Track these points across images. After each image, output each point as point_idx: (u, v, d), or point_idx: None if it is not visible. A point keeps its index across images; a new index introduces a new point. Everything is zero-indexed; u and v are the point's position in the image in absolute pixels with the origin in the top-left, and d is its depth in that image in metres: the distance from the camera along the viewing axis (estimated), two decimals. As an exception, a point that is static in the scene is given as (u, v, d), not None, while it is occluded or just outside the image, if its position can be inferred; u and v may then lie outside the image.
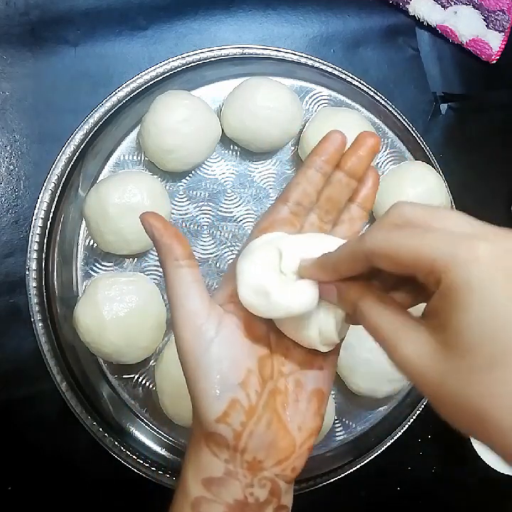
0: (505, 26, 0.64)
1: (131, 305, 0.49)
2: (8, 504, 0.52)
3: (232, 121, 0.54)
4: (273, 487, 0.31)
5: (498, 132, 0.66)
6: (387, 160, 0.61)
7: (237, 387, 0.29)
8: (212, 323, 0.30)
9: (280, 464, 0.31)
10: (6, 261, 0.53)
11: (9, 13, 0.54)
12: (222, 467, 0.30)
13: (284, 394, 0.31)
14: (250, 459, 0.30)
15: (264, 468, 0.30)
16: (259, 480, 0.30)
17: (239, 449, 0.30)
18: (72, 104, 0.54)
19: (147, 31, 0.57)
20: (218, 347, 0.29)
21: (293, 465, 0.31)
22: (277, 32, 0.61)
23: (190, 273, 0.30)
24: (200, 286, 0.30)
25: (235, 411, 0.29)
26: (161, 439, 0.54)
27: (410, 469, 0.60)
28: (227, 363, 0.29)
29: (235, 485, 0.30)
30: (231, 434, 0.29)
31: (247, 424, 0.30)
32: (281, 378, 0.32)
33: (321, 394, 0.32)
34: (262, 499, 0.30)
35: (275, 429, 0.31)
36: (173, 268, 0.30)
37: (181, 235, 0.30)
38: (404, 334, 0.25)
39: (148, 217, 0.30)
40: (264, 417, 0.30)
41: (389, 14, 0.63)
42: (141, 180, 0.51)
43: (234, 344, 0.30)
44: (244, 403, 0.30)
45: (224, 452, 0.30)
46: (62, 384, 0.51)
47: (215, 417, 0.29)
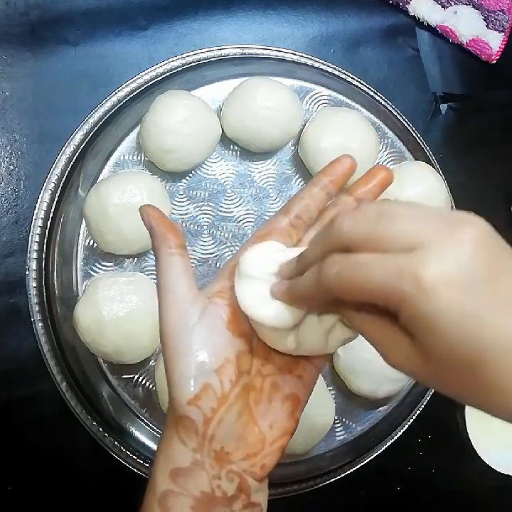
0: (505, 26, 0.64)
1: (131, 305, 0.49)
2: (8, 504, 0.52)
3: (232, 121, 0.54)
4: (241, 483, 0.31)
5: (498, 132, 0.66)
6: (387, 160, 0.61)
7: (212, 373, 0.30)
8: (196, 309, 0.31)
9: (248, 459, 0.31)
10: (6, 261, 0.53)
11: (9, 13, 0.54)
12: (189, 456, 0.30)
13: (258, 391, 0.32)
14: (218, 449, 0.30)
15: (231, 461, 0.30)
16: (226, 473, 0.30)
17: (207, 435, 0.30)
18: (72, 104, 0.54)
19: (147, 31, 0.57)
20: (200, 332, 0.30)
21: (262, 462, 0.31)
22: (277, 32, 0.61)
23: (181, 261, 0.32)
24: (189, 275, 0.32)
25: (207, 395, 0.30)
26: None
27: (410, 469, 0.60)
28: (206, 348, 0.30)
29: (202, 476, 0.30)
30: (201, 418, 0.30)
31: (218, 410, 0.30)
32: (259, 377, 0.32)
33: (297, 399, 0.33)
34: (229, 493, 0.30)
35: (245, 421, 0.31)
36: (166, 255, 0.32)
37: (177, 227, 0.32)
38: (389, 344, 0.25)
39: (147, 208, 0.32)
40: (235, 407, 0.31)
41: (389, 14, 0.63)
42: (141, 180, 0.51)
43: (215, 332, 0.31)
44: (217, 389, 0.30)
45: (192, 439, 0.30)
46: (62, 384, 0.51)
47: (186, 399, 0.30)
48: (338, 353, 0.55)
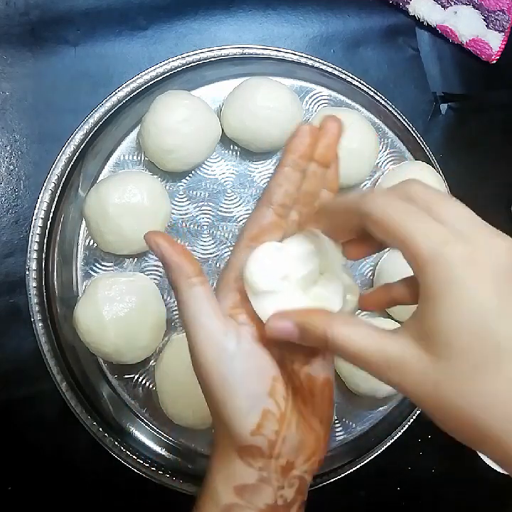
0: (505, 26, 0.64)
1: (131, 305, 0.49)
2: (8, 504, 0.52)
3: (232, 121, 0.54)
4: (300, 484, 0.31)
5: (498, 132, 0.66)
6: (387, 160, 0.61)
7: (266, 397, 0.30)
8: (231, 338, 0.30)
9: (310, 460, 0.31)
10: (6, 261, 0.53)
11: (9, 13, 0.54)
12: (256, 474, 0.30)
13: (300, 391, 0.32)
14: (284, 463, 0.30)
15: (295, 468, 0.31)
16: (289, 480, 0.31)
17: (274, 455, 0.30)
18: (72, 104, 0.54)
19: (147, 31, 0.57)
20: (242, 361, 0.29)
21: (319, 458, 0.32)
22: (277, 32, 0.60)
23: (204, 290, 0.30)
24: (214, 303, 0.30)
25: (268, 421, 0.30)
26: (161, 439, 0.54)
27: (410, 469, 0.60)
28: (253, 375, 0.30)
29: (268, 490, 0.30)
30: (266, 444, 0.30)
31: (280, 431, 0.30)
32: (295, 377, 0.32)
33: (330, 382, 0.33)
34: (289, 499, 0.31)
35: (303, 428, 0.31)
36: (188, 287, 0.29)
37: (188, 252, 0.30)
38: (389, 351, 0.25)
39: (154, 236, 0.30)
40: (293, 419, 0.31)
41: (389, 14, 0.63)
42: (141, 180, 0.51)
43: (255, 355, 0.30)
44: (275, 412, 0.30)
45: (258, 461, 0.30)
46: (62, 384, 0.51)
47: (249, 431, 0.29)
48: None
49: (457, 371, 0.23)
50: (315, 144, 0.33)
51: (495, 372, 0.22)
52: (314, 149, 0.33)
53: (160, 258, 0.30)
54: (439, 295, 0.23)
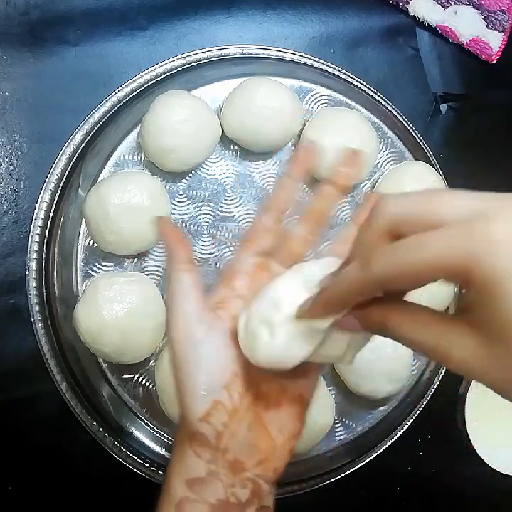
0: (505, 26, 0.64)
1: (131, 305, 0.49)
2: (8, 504, 0.52)
3: (232, 121, 0.54)
4: (254, 487, 0.31)
5: (498, 132, 0.66)
6: (387, 160, 0.61)
7: (221, 390, 0.31)
8: (202, 326, 0.31)
9: (261, 465, 0.31)
10: (6, 261, 0.53)
11: (9, 13, 0.54)
12: (204, 467, 0.30)
13: (266, 397, 0.32)
14: (232, 459, 0.31)
15: (245, 469, 0.31)
16: (240, 480, 0.31)
17: (220, 448, 0.31)
18: (72, 104, 0.54)
19: (147, 31, 0.57)
20: (206, 349, 0.31)
21: (274, 466, 0.32)
22: (277, 32, 0.60)
23: (188, 277, 0.32)
24: (196, 290, 0.32)
25: (218, 411, 0.30)
26: (161, 439, 0.54)
27: (410, 469, 0.60)
28: (214, 365, 0.31)
29: (217, 485, 0.30)
30: (213, 434, 0.30)
31: (229, 425, 0.31)
32: (265, 382, 0.32)
33: (304, 400, 0.33)
34: (244, 499, 0.31)
35: (256, 430, 0.31)
36: (174, 271, 0.32)
37: (186, 241, 0.33)
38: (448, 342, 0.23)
39: (162, 220, 0.35)
40: (246, 418, 0.31)
41: (389, 14, 0.63)
42: (141, 180, 0.51)
43: (222, 348, 0.31)
44: (227, 404, 0.31)
45: (206, 452, 0.31)
46: (62, 384, 0.51)
47: (198, 416, 0.30)
48: (338, 353, 0.55)
49: None
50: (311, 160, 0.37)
51: None
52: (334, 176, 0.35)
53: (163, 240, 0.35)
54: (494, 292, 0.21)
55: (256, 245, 0.35)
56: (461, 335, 0.23)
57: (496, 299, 0.21)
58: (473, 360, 0.22)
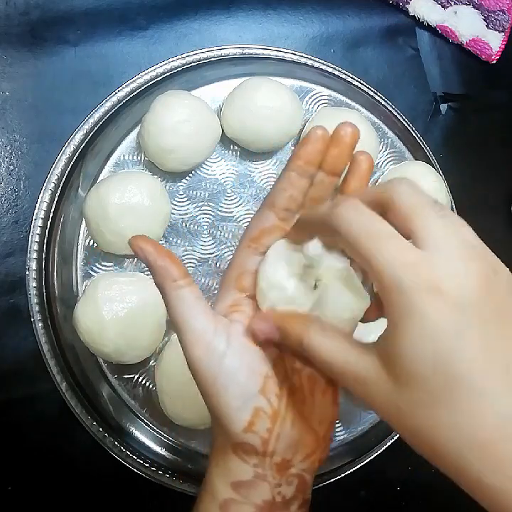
0: (505, 26, 0.64)
1: (131, 305, 0.49)
2: (8, 504, 0.52)
3: (232, 121, 0.54)
4: (300, 482, 0.31)
5: (498, 132, 0.66)
6: (387, 160, 0.61)
7: (257, 395, 0.30)
8: (221, 337, 0.30)
9: (308, 459, 0.31)
10: (6, 261, 0.53)
11: (9, 13, 0.54)
12: (251, 471, 0.30)
13: (300, 390, 0.32)
14: (279, 461, 0.30)
15: (292, 466, 0.31)
16: (286, 478, 0.31)
17: (268, 453, 0.30)
18: (72, 104, 0.54)
19: (147, 31, 0.57)
20: (232, 359, 0.30)
21: (319, 457, 0.32)
22: (277, 32, 0.60)
23: (190, 292, 0.30)
24: (202, 303, 0.30)
25: (260, 419, 0.30)
26: (161, 439, 0.54)
27: (410, 469, 0.60)
28: (244, 372, 0.30)
29: (264, 486, 0.30)
30: (259, 442, 0.30)
31: (273, 428, 0.30)
32: (295, 375, 0.32)
33: (332, 384, 0.33)
34: (288, 496, 0.31)
35: (299, 427, 0.31)
36: (173, 290, 0.30)
37: (173, 255, 0.30)
38: (356, 368, 0.25)
39: (138, 241, 0.30)
40: (288, 417, 0.30)
41: (389, 14, 0.63)
42: (141, 180, 0.51)
43: (246, 353, 0.30)
44: (267, 409, 0.30)
45: (253, 458, 0.30)
46: (62, 384, 0.51)
47: (241, 428, 0.29)
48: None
49: (417, 400, 0.23)
50: (326, 150, 0.32)
51: (453, 404, 0.22)
52: (324, 159, 0.32)
53: (145, 263, 0.30)
54: (401, 323, 0.23)
55: (262, 245, 0.33)
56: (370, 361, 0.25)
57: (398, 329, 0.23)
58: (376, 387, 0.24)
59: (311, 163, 0.32)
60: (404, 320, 0.23)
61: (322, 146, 0.32)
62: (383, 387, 0.24)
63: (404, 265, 0.23)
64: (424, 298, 0.22)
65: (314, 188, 0.33)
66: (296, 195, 0.33)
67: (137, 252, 0.30)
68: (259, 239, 0.33)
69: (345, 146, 0.32)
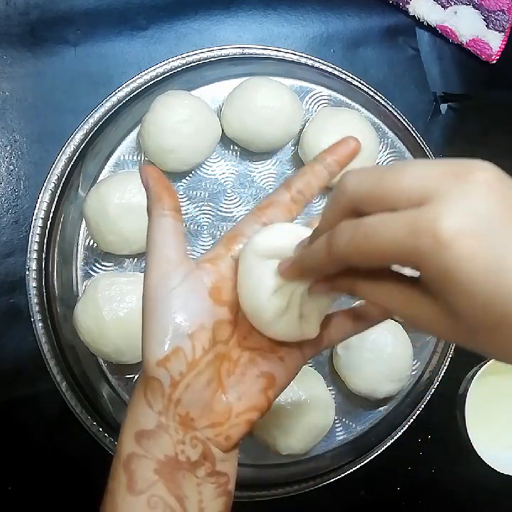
0: (505, 26, 0.64)
1: (131, 305, 0.49)
2: (8, 504, 0.52)
3: (232, 121, 0.54)
4: (204, 450, 0.31)
5: (498, 132, 0.66)
6: (387, 160, 0.61)
7: (185, 337, 0.30)
8: (179, 272, 0.31)
9: (213, 428, 0.31)
10: (6, 261, 0.53)
11: (9, 13, 0.54)
12: (154, 419, 0.30)
13: (233, 363, 0.32)
14: (183, 413, 0.30)
15: (195, 428, 0.30)
16: (190, 438, 0.30)
17: (173, 399, 0.30)
18: (72, 104, 0.54)
19: (147, 31, 0.57)
20: (179, 295, 0.30)
21: (227, 433, 0.31)
22: (277, 32, 0.61)
23: (173, 224, 0.31)
24: (178, 237, 0.31)
25: (177, 359, 0.30)
26: (161, 439, 0.54)
27: (410, 469, 0.60)
28: (183, 312, 0.30)
29: (166, 439, 0.30)
30: (168, 381, 0.30)
31: (186, 375, 0.30)
32: (237, 349, 0.32)
33: (272, 379, 0.32)
34: (193, 459, 0.30)
35: (213, 389, 0.31)
36: (158, 216, 0.32)
37: (173, 190, 0.32)
38: (413, 309, 0.24)
39: (147, 168, 0.32)
40: (205, 374, 0.30)
41: (389, 14, 0.63)
42: (141, 180, 0.51)
43: (195, 297, 0.31)
44: (188, 354, 0.30)
45: (158, 401, 0.30)
46: (62, 384, 0.51)
47: (156, 360, 0.30)
48: (338, 353, 0.55)
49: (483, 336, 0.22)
50: (353, 157, 0.34)
51: None
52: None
53: (145, 187, 0.32)
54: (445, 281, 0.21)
55: (267, 218, 0.33)
56: (425, 303, 0.24)
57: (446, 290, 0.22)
58: (438, 324, 0.23)
59: (338, 163, 0.34)
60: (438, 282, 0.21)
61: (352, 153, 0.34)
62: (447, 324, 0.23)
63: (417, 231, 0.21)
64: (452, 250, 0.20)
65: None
66: (313, 182, 0.34)
67: (142, 176, 0.32)
68: (265, 208, 0.34)
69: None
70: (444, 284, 0.21)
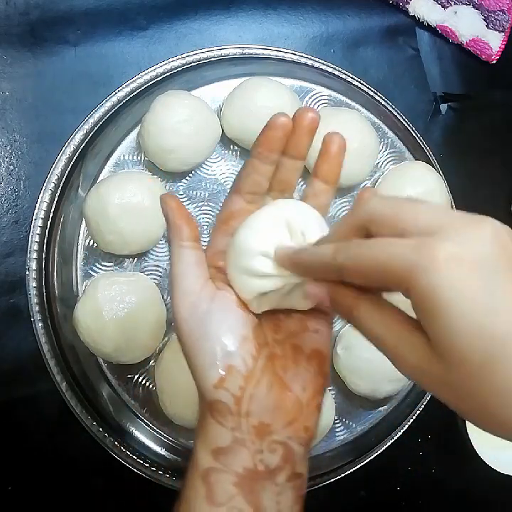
0: (505, 26, 0.64)
1: (131, 305, 0.49)
2: (8, 504, 0.52)
3: (232, 121, 0.54)
4: (285, 451, 0.31)
5: (498, 132, 0.66)
6: (387, 160, 0.61)
7: (233, 354, 0.30)
8: (205, 296, 0.31)
9: (290, 425, 0.31)
10: (6, 261, 0.53)
11: (9, 13, 0.54)
12: (229, 436, 0.30)
13: (282, 358, 0.32)
14: (256, 423, 0.30)
15: (272, 432, 0.30)
16: (268, 444, 0.30)
17: (242, 413, 0.30)
18: (72, 104, 0.54)
19: (147, 31, 0.57)
20: (213, 317, 0.31)
21: (304, 424, 0.31)
22: (277, 32, 0.60)
23: (192, 254, 0.31)
24: (199, 267, 0.32)
25: (232, 376, 0.30)
26: (161, 439, 0.54)
27: (410, 469, 0.60)
28: (222, 331, 0.30)
29: (244, 452, 0.30)
30: (231, 399, 0.30)
31: (246, 388, 0.30)
32: (277, 345, 0.32)
33: (320, 354, 0.33)
34: (272, 466, 0.30)
35: (277, 391, 0.31)
36: (178, 247, 0.31)
37: (192, 219, 0.32)
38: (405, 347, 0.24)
39: (166, 197, 0.32)
40: (264, 380, 0.30)
41: (389, 14, 0.63)
42: (141, 180, 0.51)
43: (228, 314, 0.31)
44: (241, 368, 0.30)
45: (228, 419, 0.30)
46: (62, 384, 0.51)
47: (212, 384, 0.30)
48: (338, 353, 0.55)
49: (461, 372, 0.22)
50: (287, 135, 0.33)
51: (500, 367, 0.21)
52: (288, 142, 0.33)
53: (165, 216, 0.32)
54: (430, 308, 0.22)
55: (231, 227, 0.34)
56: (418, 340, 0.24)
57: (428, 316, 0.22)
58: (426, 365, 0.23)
59: (272, 150, 0.33)
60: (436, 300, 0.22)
61: (283, 134, 0.33)
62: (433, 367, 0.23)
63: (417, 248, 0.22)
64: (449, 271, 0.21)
65: (280, 171, 0.34)
66: (259, 179, 0.34)
67: (162, 206, 0.32)
68: (228, 220, 0.35)
69: (303, 129, 0.33)
70: (431, 305, 0.22)
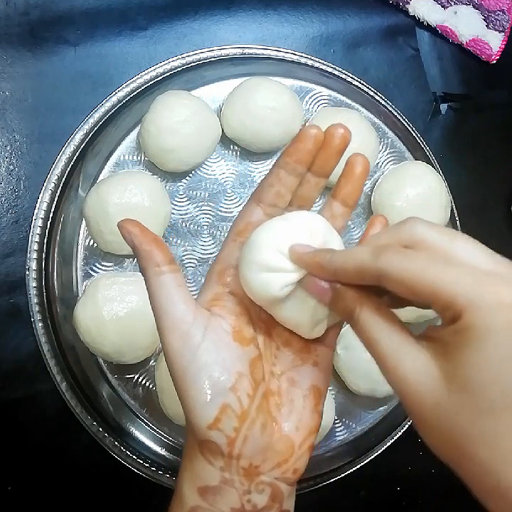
0: (505, 26, 0.64)
1: (131, 305, 0.49)
2: (8, 504, 0.52)
3: (232, 121, 0.54)
4: (273, 492, 0.30)
5: (498, 132, 0.66)
6: (387, 160, 0.61)
7: (227, 392, 0.28)
8: (198, 328, 0.29)
9: (279, 467, 0.30)
10: (6, 261, 0.53)
11: (9, 13, 0.54)
12: (217, 475, 0.29)
13: (277, 394, 0.31)
14: (246, 466, 0.29)
15: (261, 473, 0.29)
16: (256, 485, 0.29)
17: (233, 455, 0.29)
18: (72, 104, 0.54)
19: (147, 31, 0.57)
20: (206, 352, 0.29)
21: (294, 467, 0.30)
22: (277, 32, 0.61)
23: (173, 278, 0.29)
24: (183, 291, 0.29)
25: (227, 416, 0.28)
26: (161, 439, 0.54)
27: (410, 469, 0.60)
28: (217, 367, 0.28)
29: (232, 493, 0.29)
30: (224, 441, 0.28)
31: (240, 429, 0.29)
32: (273, 379, 0.31)
33: (317, 391, 0.32)
34: (260, 506, 0.29)
35: (270, 431, 0.30)
36: (155, 275, 0.29)
37: (161, 241, 0.29)
38: (405, 354, 0.24)
39: (126, 224, 0.29)
40: (258, 420, 0.29)
41: (389, 14, 0.63)
42: (141, 180, 0.51)
43: (222, 348, 0.29)
44: (236, 408, 0.28)
45: (219, 460, 0.29)
46: (62, 384, 0.51)
47: (206, 424, 0.28)
48: (338, 353, 0.55)
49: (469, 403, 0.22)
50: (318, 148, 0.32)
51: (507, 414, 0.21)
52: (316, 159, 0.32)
53: (130, 246, 0.29)
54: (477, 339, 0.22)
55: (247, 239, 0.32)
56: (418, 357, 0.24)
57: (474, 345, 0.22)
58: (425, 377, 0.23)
59: (300, 162, 0.32)
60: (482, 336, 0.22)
61: (313, 146, 0.31)
62: (434, 388, 0.23)
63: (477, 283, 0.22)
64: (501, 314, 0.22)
65: (302, 186, 0.33)
66: (283, 192, 0.32)
67: (124, 235, 0.29)
68: (244, 233, 0.32)
69: (333, 149, 0.31)
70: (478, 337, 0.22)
